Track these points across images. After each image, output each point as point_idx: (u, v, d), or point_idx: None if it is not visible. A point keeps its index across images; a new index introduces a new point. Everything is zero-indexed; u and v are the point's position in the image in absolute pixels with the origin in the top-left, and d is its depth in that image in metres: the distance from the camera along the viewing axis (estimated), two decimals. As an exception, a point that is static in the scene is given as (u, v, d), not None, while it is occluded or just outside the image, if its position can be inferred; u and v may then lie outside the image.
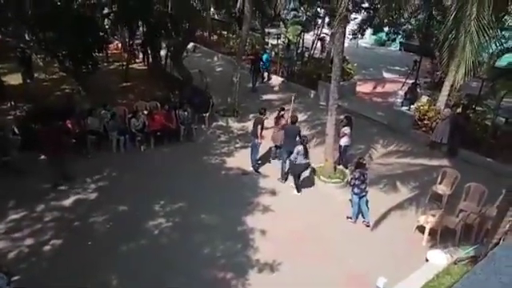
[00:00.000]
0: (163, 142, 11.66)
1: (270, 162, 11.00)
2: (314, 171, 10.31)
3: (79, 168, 9.99)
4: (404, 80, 17.22)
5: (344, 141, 10.46)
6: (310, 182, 10.13)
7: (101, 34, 13.47)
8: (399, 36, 21.47)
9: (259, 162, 10.73)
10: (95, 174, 9.82)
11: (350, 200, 8.70)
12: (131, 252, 7.48)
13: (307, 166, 9.56)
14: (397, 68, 20.64)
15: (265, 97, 15.87)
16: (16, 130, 10.44)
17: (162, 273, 6.95)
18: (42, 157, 10.01)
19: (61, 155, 9.37)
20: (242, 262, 7.46)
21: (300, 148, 9.14)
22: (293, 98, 12.46)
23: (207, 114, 13.17)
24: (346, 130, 10.42)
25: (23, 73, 14.52)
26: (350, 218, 8.69)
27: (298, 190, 9.60)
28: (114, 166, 10.33)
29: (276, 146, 10.89)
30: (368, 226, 8.54)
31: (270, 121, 11.36)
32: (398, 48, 25.84)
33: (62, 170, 9.43)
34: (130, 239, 7.75)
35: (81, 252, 7.35)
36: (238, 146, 11.88)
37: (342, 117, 10.85)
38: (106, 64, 17.63)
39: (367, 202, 8.55)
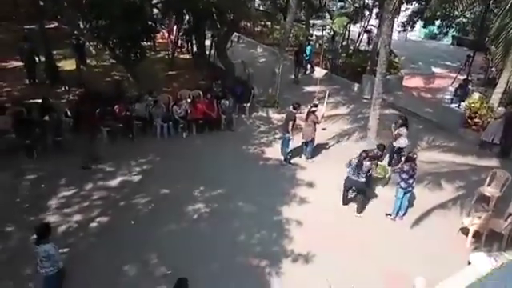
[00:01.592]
0: (204, 130, 11.91)
1: (300, 157, 10.76)
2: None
3: (125, 151, 10.46)
4: (455, 76, 16.43)
5: (400, 142, 9.89)
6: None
7: (149, 23, 13.88)
8: (452, 29, 20.44)
9: (290, 154, 10.49)
10: (140, 158, 10.23)
11: (396, 196, 8.45)
12: (171, 234, 7.74)
13: (358, 184, 8.39)
14: (447, 63, 19.73)
15: (307, 89, 15.73)
16: (68, 113, 11.06)
17: (198, 256, 7.14)
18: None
19: (94, 138, 9.87)
20: (277, 250, 7.50)
21: (353, 160, 8.32)
22: (326, 94, 12.18)
23: (248, 104, 13.28)
24: (402, 130, 9.86)
25: (77, 59, 15.33)
26: (389, 214, 8.48)
27: (343, 202, 8.84)
28: (158, 151, 10.69)
29: (307, 142, 10.58)
30: (393, 220, 8.39)
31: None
32: (449, 42, 24.64)
33: (93, 152, 9.86)
34: (170, 221, 8.02)
35: (124, 230, 7.72)
36: (277, 136, 11.88)
37: (397, 116, 10.40)
38: (153, 53, 18.18)
39: (412, 198, 8.24)
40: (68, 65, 15.58)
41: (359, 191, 8.53)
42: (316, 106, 10.67)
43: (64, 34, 17.30)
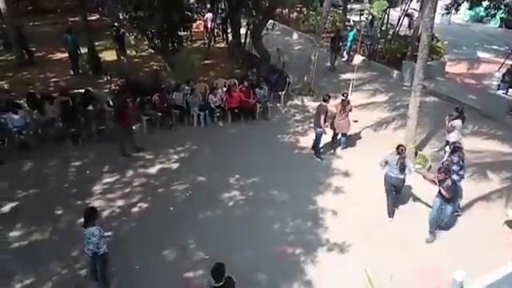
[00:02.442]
0: (239, 119, 12.00)
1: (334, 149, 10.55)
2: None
3: (164, 139, 10.76)
4: (503, 61, 15.50)
5: (453, 136, 9.23)
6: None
7: (186, 12, 14.04)
8: (500, 11, 19.14)
9: (323, 149, 10.30)
10: (177, 146, 10.50)
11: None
12: (207, 220, 7.96)
13: (397, 182, 7.85)
14: (495, 47, 18.63)
15: (343, 76, 15.41)
16: (110, 102, 11.49)
17: (233, 242, 7.30)
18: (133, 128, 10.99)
19: (129, 128, 10.19)
20: (312, 239, 7.54)
21: (391, 157, 7.80)
22: (352, 81, 11.79)
23: (283, 93, 13.20)
24: (456, 122, 9.28)
25: (117, 50, 15.82)
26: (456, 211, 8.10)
27: (390, 213, 8.05)
28: (194, 139, 10.92)
29: (343, 134, 10.35)
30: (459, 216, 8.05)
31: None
32: (497, 25, 23.17)
33: (133, 141, 10.22)
34: (207, 208, 8.23)
35: (163, 216, 8.01)
36: (312, 125, 11.76)
37: (453, 109, 9.79)
38: (189, 42, 18.41)
39: (461, 190, 7.91)
40: (109, 55, 16.13)
41: (398, 189, 8.04)
42: (346, 95, 10.28)
43: (105, 26, 17.90)
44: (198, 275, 6.64)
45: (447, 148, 9.61)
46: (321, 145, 10.18)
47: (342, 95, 10.22)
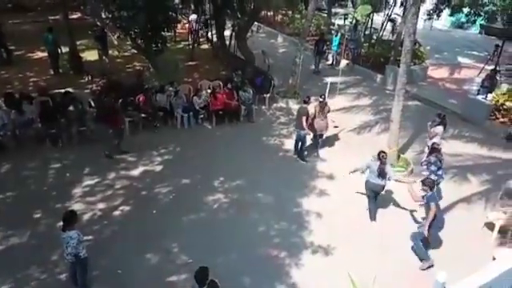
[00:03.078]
0: (224, 121, 11.93)
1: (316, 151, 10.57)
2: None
3: (147, 141, 10.61)
4: (482, 66, 15.88)
5: (435, 141, 9.30)
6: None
7: (170, 13, 13.90)
8: (480, 18, 19.66)
9: (306, 152, 10.35)
10: (161, 148, 10.36)
11: None
12: (191, 223, 7.86)
13: (383, 187, 7.94)
14: (475, 53, 19.08)
15: (328, 80, 15.47)
16: (92, 103, 11.26)
17: (218, 245, 7.22)
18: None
19: (120, 129, 10.06)
20: (296, 242, 7.52)
21: (372, 163, 7.80)
22: (328, 85, 12.07)
23: (268, 95, 13.20)
24: (438, 129, 9.39)
25: (100, 49, 15.55)
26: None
27: (372, 217, 8.09)
28: (178, 142, 10.79)
29: (320, 135, 10.41)
30: None
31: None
32: (477, 31, 23.77)
33: (119, 144, 10.03)
34: (191, 211, 8.13)
35: (146, 219, 7.87)
36: (305, 132, 11.75)
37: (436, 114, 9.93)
38: (173, 43, 18.24)
39: (440, 190, 8.08)
40: (91, 55, 15.82)
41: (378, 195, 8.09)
42: (324, 97, 10.40)
43: (87, 25, 17.56)
44: (182, 279, 6.54)
45: (426, 149, 9.76)
46: (304, 147, 10.21)
47: (320, 97, 10.37)
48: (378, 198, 8.11)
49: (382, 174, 7.67)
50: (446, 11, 19.02)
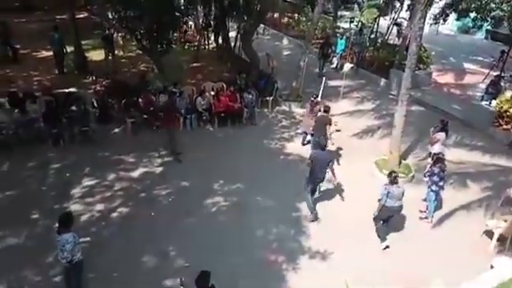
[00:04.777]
0: (227, 124, 11.92)
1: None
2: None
3: (148, 142, 10.62)
4: (487, 72, 15.75)
5: (436, 148, 9.14)
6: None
7: (176, 14, 13.93)
8: (486, 23, 19.49)
9: None
10: (162, 150, 10.35)
11: (425, 199, 8.36)
12: (189, 226, 7.85)
13: (400, 209, 7.56)
14: (480, 58, 18.92)
15: (331, 83, 15.40)
16: (95, 103, 11.31)
17: (216, 249, 7.22)
18: (116, 130, 11.01)
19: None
20: (294, 247, 7.51)
21: (391, 187, 7.28)
22: (322, 85, 12.15)
23: (271, 98, 13.18)
24: (440, 135, 9.40)
25: (106, 50, 15.62)
26: (426, 217, 8.24)
27: (383, 240, 7.55)
28: (180, 143, 10.76)
29: (311, 134, 10.42)
30: (430, 223, 8.17)
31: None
32: (483, 36, 23.57)
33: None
34: (189, 214, 8.13)
35: (145, 221, 7.87)
36: (298, 131, 11.76)
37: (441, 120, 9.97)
38: (179, 44, 18.28)
39: (441, 199, 8.10)
40: (96, 55, 15.90)
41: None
42: (316, 96, 11.03)
43: (93, 25, 17.67)
44: (178, 283, 6.51)
45: (429, 160, 9.70)
46: None
47: (312, 97, 10.70)
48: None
49: (402, 195, 7.35)
50: (453, 16, 18.86)
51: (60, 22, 16.93)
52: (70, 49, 14.63)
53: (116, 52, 16.22)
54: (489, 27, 21.47)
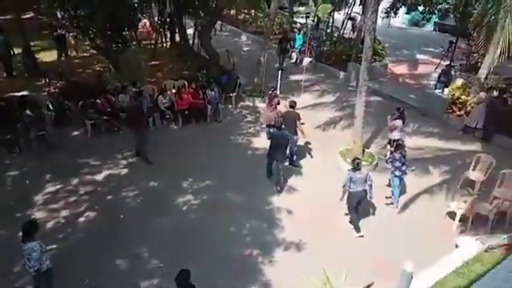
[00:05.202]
0: (191, 121, 11.76)
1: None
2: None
3: (111, 144, 10.29)
4: (438, 62, 16.62)
5: (394, 135, 9.79)
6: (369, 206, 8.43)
7: (130, 12, 13.52)
8: (434, 16, 20.56)
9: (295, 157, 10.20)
10: (126, 151, 10.04)
11: (389, 185, 8.64)
12: (160, 226, 7.70)
13: (364, 194, 7.73)
14: (431, 49, 19.93)
15: (292, 77, 15.65)
16: (50, 106, 10.76)
17: (189, 248, 7.13)
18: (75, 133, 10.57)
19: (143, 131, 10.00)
20: (268, 240, 7.57)
21: (354, 174, 7.54)
22: (279, 78, 12.57)
23: (234, 94, 13.15)
24: (398, 122, 9.85)
25: (58, 50, 14.88)
26: (391, 203, 8.55)
27: (358, 230, 7.79)
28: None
29: (270, 125, 10.39)
30: (396, 208, 8.50)
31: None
32: (432, 28, 24.85)
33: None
34: (160, 214, 7.97)
35: (114, 225, 7.63)
36: (264, 126, 11.81)
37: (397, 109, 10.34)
38: (134, 43, 17.74)
39: (404, 184, 8.44)
40: (47, 56, 15.13)
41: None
42: (274, 89, 11.52)
43: (42, 25, 16.75)
44: (153, 284, 6.39)
45: (389, 147, 10.13)
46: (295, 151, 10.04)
47: (270, 89, 11.13)
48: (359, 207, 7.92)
49: (365, 179, 7.61)
50: (403, 9, 19.74)
51: (4, 23, 15.92)
52: (17, 50, 13.81)
53: (69, 52, 15.52)
54: (437, 19, 22.68)
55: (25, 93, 11.35)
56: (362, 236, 7.75)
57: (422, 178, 9.63)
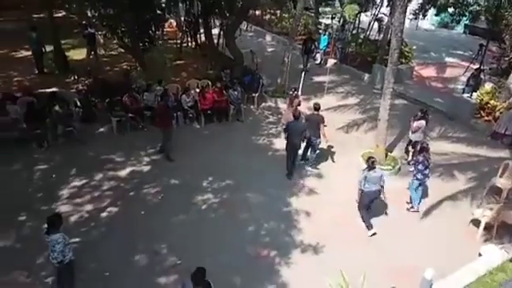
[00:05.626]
0: (213, 120, 11.87)
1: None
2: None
3: (135, 141, 10.51)
4: (467, 65, 16.14)
5: (416, 136, 9.67)
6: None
7: (158, 11, 13.79)
8: (465, 18, 19.94)
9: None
10: (149, 148, 10.24)
11: (408, 188, 8.43)
12: (180, 224, 7.80)
13: (378, 193, 7.76)
14: (459, 52, 19.37)
15: (316, 79, 15.56)
16: (78, 103, 11.10)
17: (207, 246, 7.20)
18: (101, 129, 10.81)
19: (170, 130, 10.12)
20: (286, 241, 7.54)
21: (368, 173, 7.52)
22: (301, 79, 12.28)
23: (256, 95, 13.18)
24: (421, 123, 9.65)
25: (88, 48, 15.33)
26: (412, 207, 8.40)
27: (370, 227, 7.78)
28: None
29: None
30: (417, 211, 8.35)
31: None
32: (462, 31, 24.14)
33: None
34: (180, 212, 8.08)
35: (134, 220, 7.79)
36: (284, 127, 11.76)
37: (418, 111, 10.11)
38: (161, 42, 18.08)
39: (426, 189, 8.27)
40: (76, 54, 15.60)
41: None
42: (294, 89, 11.31)
43: (73, 23, 17.31)
44: (171, 280, 6.49)
45: (410, 147, 9.93)
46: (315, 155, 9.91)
47: (291, 90, 10.98)
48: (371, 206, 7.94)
49: (381, 179, 7.60)
50: (432, 11, 19.24)
51: (38, 21, 16.55)
52: (49, 48, 14.31)
53: (98, 51, 15.96)
54: (467, 22, 21.99)
55: (54, 89, 11.72)
56: (375, 233, 7.69)
57: (446, 183, 9.39)
